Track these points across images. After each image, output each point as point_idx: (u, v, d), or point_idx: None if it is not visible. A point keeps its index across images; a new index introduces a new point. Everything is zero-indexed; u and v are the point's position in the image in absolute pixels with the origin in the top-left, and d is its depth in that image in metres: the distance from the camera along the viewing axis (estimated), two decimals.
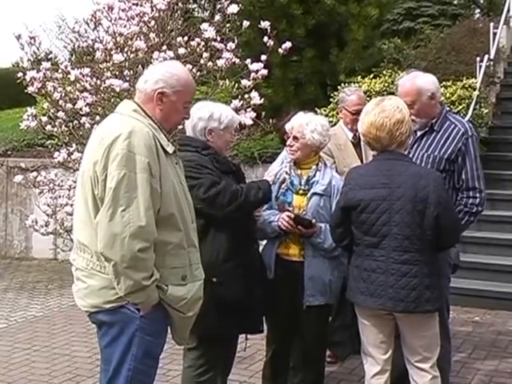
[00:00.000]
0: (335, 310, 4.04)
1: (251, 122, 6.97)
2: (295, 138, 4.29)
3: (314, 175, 4.30)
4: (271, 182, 3.99)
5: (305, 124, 4.27)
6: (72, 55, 8.44)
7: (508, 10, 11.64)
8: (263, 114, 7.78)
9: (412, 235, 3.63)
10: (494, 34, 10.58)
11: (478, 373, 5.48)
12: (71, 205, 7.01)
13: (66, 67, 6.97)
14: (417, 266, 3.64)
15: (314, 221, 4.16)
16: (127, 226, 2.98)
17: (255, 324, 4.09)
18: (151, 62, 6.35)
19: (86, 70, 6.70)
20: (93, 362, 5.62)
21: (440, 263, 3.87)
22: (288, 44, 7.34)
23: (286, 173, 4.35)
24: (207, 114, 3.97)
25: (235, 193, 3.85)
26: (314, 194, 4.26)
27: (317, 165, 4.35)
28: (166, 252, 3.14)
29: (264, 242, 4.39)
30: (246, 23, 7.40)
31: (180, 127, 3.98)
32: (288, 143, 4.37)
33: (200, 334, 3.85)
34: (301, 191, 4.29)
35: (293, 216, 4.17)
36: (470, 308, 7.16)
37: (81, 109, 6.71)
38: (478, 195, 4.28)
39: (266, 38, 7.21)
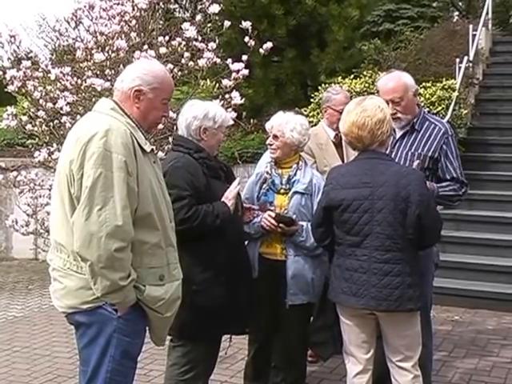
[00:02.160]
0: (317, 310, 4.03)
1: (232, 122, 6.96)
2: (275, 136, 4.31)
3: (295, 174, 4.32)
4: (231, 206, 3.93)
5: (284, 123, 4.31)
6: (52, 54, 8.36)
7: (487, 13, 11.73)
8: (244, 114, 7.78)
9: (394, 234, 3.63)
10: (473, 35, 10.66)
11: (457, 371, 5.50)
12: None
13: (46, 66, 6.91)
14: (399, 265, 3.64)
15: (294, 216, 4.18)
16: (104, 225, 2.94)
17: (240, 325, 4.08)
18: (132, 62, 6.31)
19: (67, 69, 6.65)
20: (74, 363, 5.56)
21: (422, 262, 3.87)
22: (269, 44, 7.34)
23: (267, 173, 4.36)
24: (202, 113, 3.97)
25: (191, 216, 3.79)
26: (296, 192, 4.27)
27: (297, 164, 4.37)
28: (143, 252, 3.10)
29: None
30: (227, 23, 7.38)
31: (161, 126, 3.97)
32: (268, 142, 4.39)
33: (184, 335, 3.85)
34: (282, 190, 4.31)
35: (273, 215, 4.18)
36: (450, 307, 7.19)
37: (61, 108, 6.66)
38: (464, 187, 4.41)
39: (247, 38, 7.20)
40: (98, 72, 6.70)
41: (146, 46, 6.90)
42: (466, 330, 6.60)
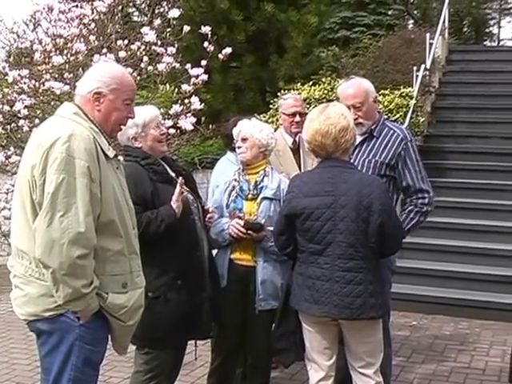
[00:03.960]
0: (279, 316, 4.02)
1: (191, 127, 6.93)
2: (244, 139, 4.35)
3: (262, 180, 4.33)
4: (176, 209, 3.88)
5: (252, 126, 4.38)
6: (9, 56, 8.22)
7: (443, 22, 11.91)
8: (203, 119, 7.76)
9: (356, 243, 3.64)
10: (430, 44, 10.81)
11: (416, 376, 5.56)
12: (9, 209, 6.82)
13: (3, 68, 6.80)
14: (361, 274, 3.65)
15: (263, 221, 4.19)
16: (66, 232, 2.89)
17: (203, 331, 4.04)
18: (91, 65, 6.25)
19: (25, 72, 6.55)
20: (33, 370, 5.49)
21: (382, 269, 3.90)
22: (228, 50, 7.33)
23: (235, 180, 4.37)
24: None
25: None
26: (264, 198, 4.28)
27: (264, 170, 4.38)
28: (105, 259, 3.06)
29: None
30: (186, 28, 7.36)
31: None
32: (237, 145, 4.41)
33: (146, 343, 3.81)
34: (250, 196, 4.31)
35: (242, 223, 4.17)
36: (407, 312, 7.26)
37: (19, 111, 6.55)
38: (426, 195, 4.37)
39: (206, 43, 7.18)
40: (57, 75, 6.62)
41: (105, 50, 6.83)
42: (424, 336, 6.67)
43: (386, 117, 4.85)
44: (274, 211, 4.25)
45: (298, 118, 5.33)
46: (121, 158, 3.85)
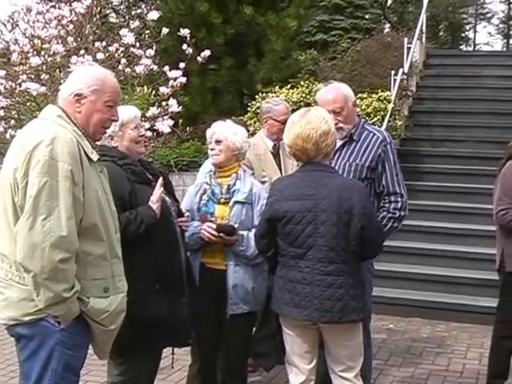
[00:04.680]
0: (260, 320, 4.02)
1: (169, 130, 6.91)
2: (218, 141, 4.31)
3: (235, 183, 4.31)
4: (156, 210, 3.78)
5: (226, 128, 4.35)
6: None
7: (421, 27, 11.99)
8: (180, 121, 7.74)
9: (337, 246, 3.65)
10: (408, 48, 10.88)
11: (394, 379, 5.59)
12: None
13: None
14: (342, 277, 3.66)
15: (236, 225, 4.17)
16: (48, 235, 2.87)
17: (182, 338, 3.97)
18: (69, 67, 6.22)
19: (1, 73, 6.50)
20: (6, 374, 5.42)
21: (362, 272, 3.91)
22: (207, 52, 7.33)
23: (207, 183, 4.34)
24: None
25: None
26: (236, 202, 4.26)
27: (236, 173, 4.35)
28: (87, 263, 3.04)
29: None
30: (165, 30, 7.34)
31: None
32: (211, 147, 4.37)
33: (123, 350, 3.72)
34: (222, 200, 4.28)
35: (214, 226, 4.15)
36: (384, 315, 7.28)
37: None
38: (399, 199, 4.39)
39: (184, 46, 7.18)
40: (34, 76, 6.57)
41: (82, 51, 6.80)
42: (402, 339, 6.71)
43: (365, 120, 4.86)
44: (246, 215, 4.24)
45: None
46: None
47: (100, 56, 6.73)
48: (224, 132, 4.32)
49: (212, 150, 4.35)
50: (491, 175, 5.64)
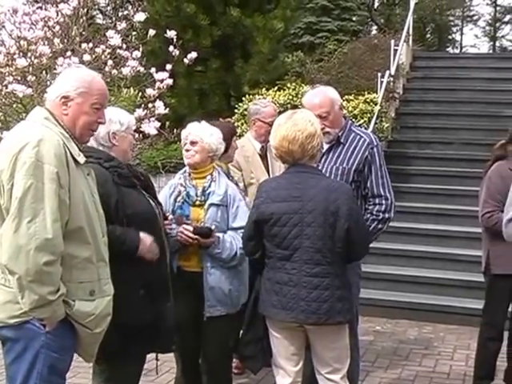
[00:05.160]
0: (247, 323, 4.00)
1: (155, 132, 6.90)
2: (193, 142, 4.29)
3: (210, 185, 4.28)
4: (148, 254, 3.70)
5: (201, 129, 4.33)
6: None
7: (408, 29, 12.03)
8: (167, 123, 7.73)
9: (323, 248, 3.65)
10: (395, 50, 10.91)
11: (381, 381, 5.60)
12: None
13: None
14: (328, 279, 3.66)
15: (213, 227, 4.15)
16: (33, 238, 2.86)
17: (166, 343, 3.91)
18: (55, 68, 6.20)
19: None
20: None
21: (349, 274, 3.91)
22: (193, 54, 7.32)
23: (181, 185, 4.32)
24: (106, 119, 3.85)
25: None
26: (212, 204, 4.23)
27: (211, 175, 4.33)
28: (73, 266, 3.03)
29: None
30: (151, 32, 7.33)
31: None
32: (186, 148, 4.34)
33: (108, 355, 3.66)
34: (197, 202, 4.26)
35: (191, 228, 4.13)
36: (371, 317, 7.28)
37: None
38: (383, 202, 4.39)
39: (171, 48, 7.16)
40: (20, 78, 6.54)
41: (69, 53, 6.77)
42: (388, 340, 6.72)
43: (351, 122, 4.86)
44: (221, 217, 4.23)
45: None
46: None
47: (87, 58, 6.70)
48: (199, 133, 4.29)
49: (187, 151, 4.32)
50: (478, 177, 5.66)
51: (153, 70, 7.04)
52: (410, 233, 8.54)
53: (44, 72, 6.48)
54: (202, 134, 4.28)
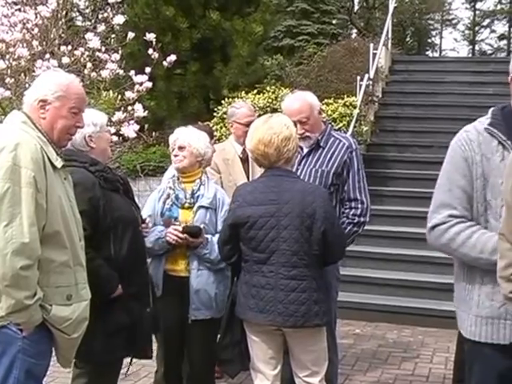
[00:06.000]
0: (224, 327, 3.99)
1: (134, 135, 6.89)
2: (181, 147, 4.32)
3: (199, 189, 4.31)
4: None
5: (189, 134, 4.37)
6: None
7: (387, 33, 12.08)
8: (146, 126, 7.72)
9: (300, 251, 3.66)
10: (374, 54, 10.95)
11: None
12: None
13: None
14: (305, 281, 3.67)
15: (202, 226, 4.17)
16: (9, 242, 2.85)
17: (142, 348, 3.86)
18: (34, 71, 6.17)
19: None
20: None
21: (327, 277, 3.92)
22: (173, 57, 7.34)
23: (170, 188, 4.33)
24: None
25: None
26: (201, 207, 4.26)
27: (200, 179, 4.36)
28: (50, 270, 3.02)
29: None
30: (131, 34, 7.33)
31: None
32: (174, 153, 4.36)
33: (85, 358, 3.65)
34: (187, 205, 4.28)
35: (180, 228, 4.14)
36: (351, 320, 7.29)
37: None
38: (359, 206, 4.42)
39: (150, 51, 7.18)
40: None
41: (48, 55, 6.75)
42: (368, 343, 6.73)
43: (331, 126, 4.89)
44: (210, 220, 4.25)
45: None
46: None
47: (66, 60, 6.70)
48: (187, 138, 4.33)
49: (176, 156, 4.35)
50: None
51: (132, 72, 7.05)
52: (389, 236, 8.56)
53: (23, 74, 6.47)
54: (189, 139, 4.31)
